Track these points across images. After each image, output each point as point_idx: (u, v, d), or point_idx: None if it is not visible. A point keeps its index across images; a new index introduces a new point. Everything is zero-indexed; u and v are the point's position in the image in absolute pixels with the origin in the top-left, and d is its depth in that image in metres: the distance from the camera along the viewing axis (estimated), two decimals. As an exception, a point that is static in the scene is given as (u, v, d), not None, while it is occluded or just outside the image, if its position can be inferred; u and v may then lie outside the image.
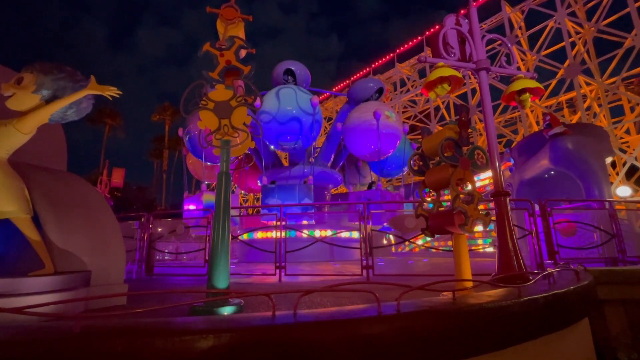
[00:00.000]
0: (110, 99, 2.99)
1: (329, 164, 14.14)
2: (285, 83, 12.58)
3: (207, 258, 6.16)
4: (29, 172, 2.95)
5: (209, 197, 11.68)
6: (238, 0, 3.24)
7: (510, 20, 23.08)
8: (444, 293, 2.58)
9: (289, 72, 12.94)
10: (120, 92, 2.96)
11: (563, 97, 21.93)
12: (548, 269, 4.14)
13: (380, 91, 13.90)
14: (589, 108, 19.94)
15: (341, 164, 15.00)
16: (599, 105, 19.55)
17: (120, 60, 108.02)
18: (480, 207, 3.25)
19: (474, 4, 4.57)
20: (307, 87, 13.15)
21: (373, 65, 31.20)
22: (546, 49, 21.89)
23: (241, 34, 3.28)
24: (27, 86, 2.68)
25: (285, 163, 15.18)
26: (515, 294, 2.54)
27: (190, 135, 11.89)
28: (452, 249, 3.38)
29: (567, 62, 19.65)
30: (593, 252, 6.34)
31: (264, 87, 12.37)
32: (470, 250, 3.56)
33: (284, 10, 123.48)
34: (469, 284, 2.91)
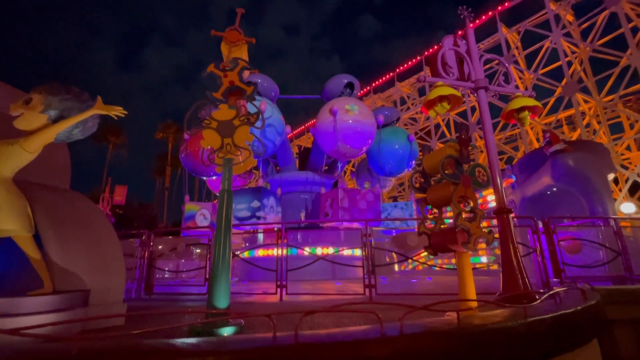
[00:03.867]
0: (116, 118, 3.05)
1: (322, 169, 13.61)
2: None
3: (207, 277, 6.08)
4: (33, 190, 2.98)
5: (190, 207, 12.17)
6: (242, 22, 3.35)
7: (507, 41, 23.65)
8: (448, 313, 2.53)
9: None
10: (126, 112, 3.02)
11: (562, 115, 22.16)
12: (554, 287, 4.06)
13: (350, 86, 13.12)
14: (588, 125, 20.10)
15: (341, 168, 14.34)
16: (598, 122, 19.72)
17: (126, 79, 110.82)
18: (483, 224, 3.23)
19: (471, 25, 4.70)
20: (276, 96, 12.95)
21: (374, 84, 31.80)
22: (543, 67, 22.32)
23: (245, 55, 3.37)
24: (35, 106, 2.74)
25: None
26: (521, 314, 2.48)
27: (185, 153, 11.74)
28: (455, 267, 3.33)
29: (565, 80, 19.98)
30: (599, 270, 6.23)
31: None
32: (474, 268, 3.51)
33: (288, 32, 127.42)
34: (474, 304, 2.85)
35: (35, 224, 2.79)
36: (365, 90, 32.09)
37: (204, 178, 12.96)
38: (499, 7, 23.28)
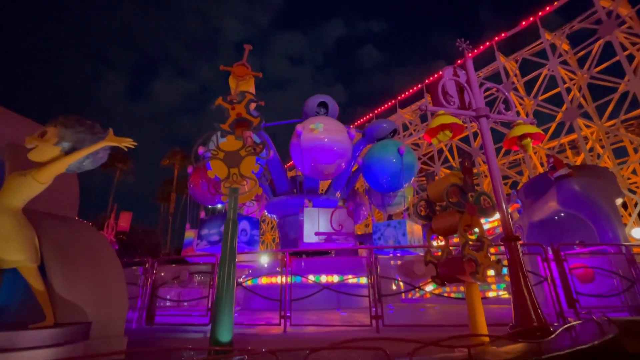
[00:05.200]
0: (126, 149, 3.13)
1: (317, 191, 13.40)
2: None
3: (209, 306, 5.95)
4: (40, 220, 3.01)
5: (189, 234, 12.77)
6: (249, 54, 3.50)
7: (505, 69, 24.26)
8: (459, 348, 2.43)
9: None
10: (136, 143, 3.10)
11: (565, 139, 22.24)
12: (569, 319, 3.91)
13: (324, 105, 12.95)
14: (591, 149, 20.10)
15: (344, 188, 13.78)
16: (602, 147, 19.72)
17: (136, 108, 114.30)
18: (492, 250, 3.17)
19: (470, 55, 4.86)
20: (263, 125, 13.14)
21: (376, 111, 32.41)
22: (543, 94, 22.70)
23: (252, 88, 3.50)
24: (49, 139, 2.83)
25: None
26: (536, 350, 2.38)
27: (192, 185, 11.88)
28: (464, 296, 3.24)
29: (565, 106, 20.23)
30: (615, 300, 5.99)
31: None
32: (483, 297, 3.41)
33: (293, 63, 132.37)
34: (486, 339, 2.75)
35: (41, 254, 2.79)
36: (368, 116, 32.68)
37: (210, 207, 13.12)
38: (496, 37, 24.09)
